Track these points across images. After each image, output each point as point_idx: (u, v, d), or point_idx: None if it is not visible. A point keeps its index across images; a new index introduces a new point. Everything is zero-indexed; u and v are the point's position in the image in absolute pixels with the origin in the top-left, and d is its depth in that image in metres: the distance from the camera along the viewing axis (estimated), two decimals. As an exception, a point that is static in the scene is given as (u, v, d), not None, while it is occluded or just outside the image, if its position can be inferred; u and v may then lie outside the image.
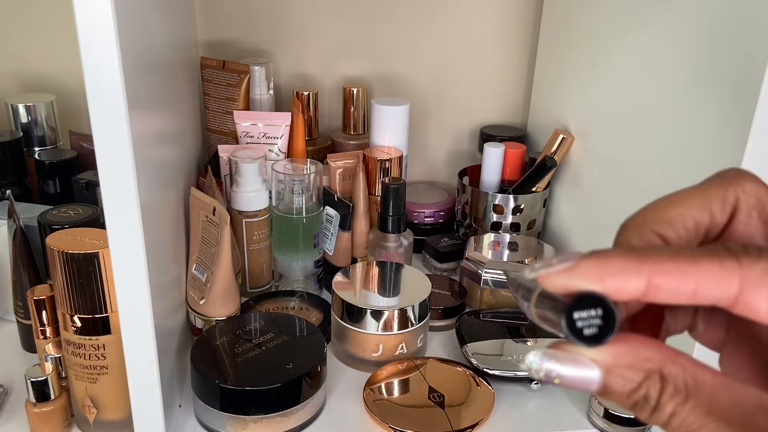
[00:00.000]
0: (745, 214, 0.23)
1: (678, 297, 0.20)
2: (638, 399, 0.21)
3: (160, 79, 0.56)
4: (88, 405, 0.53)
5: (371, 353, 0.64)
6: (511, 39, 0.92)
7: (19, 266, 0.61)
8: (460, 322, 0.69)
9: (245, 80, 0.81)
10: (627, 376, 0.21)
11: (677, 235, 0.23)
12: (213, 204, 0.64)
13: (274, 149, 0.78)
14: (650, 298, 0.20)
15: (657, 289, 0.20)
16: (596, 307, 0.20)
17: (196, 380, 0.56)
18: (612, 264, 0.20)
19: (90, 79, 0.40)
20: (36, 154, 0.79)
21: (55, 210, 0.62)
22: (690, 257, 0.20)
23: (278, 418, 0.55)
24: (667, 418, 0.20)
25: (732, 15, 0.52)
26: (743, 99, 0.50)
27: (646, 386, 0.20)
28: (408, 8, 0.89)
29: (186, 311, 0.67)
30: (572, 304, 0.20)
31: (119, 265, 0.45)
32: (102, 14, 0.38)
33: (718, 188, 0.24)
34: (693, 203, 0.23)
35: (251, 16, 0.88)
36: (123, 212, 0.44)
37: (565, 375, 0.21)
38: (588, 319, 0.20)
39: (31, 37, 0.85)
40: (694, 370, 0.21)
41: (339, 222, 0.75)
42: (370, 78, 0.92)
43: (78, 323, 0.51)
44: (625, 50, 0.69)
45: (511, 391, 0.62)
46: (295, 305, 0.73)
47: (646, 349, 0.21)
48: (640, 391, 0.21)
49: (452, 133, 0.97)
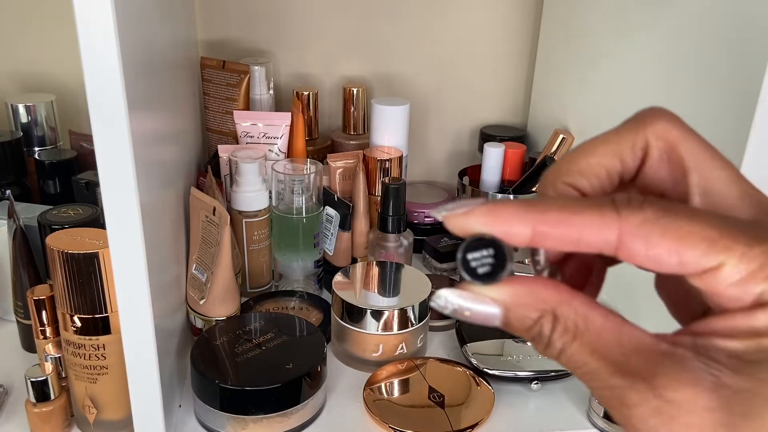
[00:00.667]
0: (655, 157, 0.24)
1: (564, 244, 0.22)
2: (534, 335, 0.22)
3: (160, 79, 0.56)
4: (88, 405, 0.53)
5: (371, 353, 0.64)
6: (511, 39, 0.92)
7: (19, 266, 0.61)
8: (460, 322, 0.69)
9: (245, 80, 0.81)
10: (524, 314, 0.22)
11: (590, 184, 0.24)
12: (213, 204, 0.64)
13: (274, 149, 0.78)
14: (539, 244, 0.22)
15: (543, 235, 0.21)
16: (488, 248, 0.22)
17: (196, 380, 0.56)
18: (501, 211, 0.22)
19: (90, 78, 0.40)
20: (36, 154, 0.79)
21: (55, 210, 0.62)
22: (574, 208, 0.21)
23: (278, 418, 0.55)
24: (557, 354, 0.22)
25: (732, 15, 0.52)
26: (744, 99, 0.50)
27: (540, 324, 0.22)
28: (408, 8, 0.89)
29: (186, 311, 0.67)
30: (467, 244, 0.22)
31: (119, 265, 0.45)
32: (102, 14, 0.38)
33: (628, 132, 0.24)
34: (604, 150, 0.24)
35: (251, 16, 0.88)
36: (123, 212, 0.43)
37: (471, 309, 0.23)
38: (481, 258, 0.22)
39: (31, 37, 0.85)
40: (586, 311, 0.22)
41: (339, 222, 0.75)
42: (370, 78, 0.92)
43: (78, 323, 0.51)
44: (626, 50, 0.69)
45: (511, 391, 0.62)
46: (295, 305, 0.73)
47: (543, 291, 0.22)
48: (535, 328, 0.22)
49: (452, 133, 0.97)
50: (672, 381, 0.20)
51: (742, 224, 0.21)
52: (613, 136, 0.24)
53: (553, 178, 0.25)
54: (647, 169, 0.24)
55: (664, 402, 0.20)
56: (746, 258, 0.20)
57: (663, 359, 0.21)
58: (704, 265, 0.20)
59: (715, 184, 0.23)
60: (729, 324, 0.21)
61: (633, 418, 0.21)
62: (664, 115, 0.24)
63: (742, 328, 0.20)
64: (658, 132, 0.24)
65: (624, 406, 0.21)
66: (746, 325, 0.20)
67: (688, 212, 0.21)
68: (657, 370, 0.21)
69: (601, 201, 0.21)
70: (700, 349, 0.21)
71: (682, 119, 0.24)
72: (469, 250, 0.22)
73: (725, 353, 0.20)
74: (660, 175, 0.24)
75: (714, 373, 0.20)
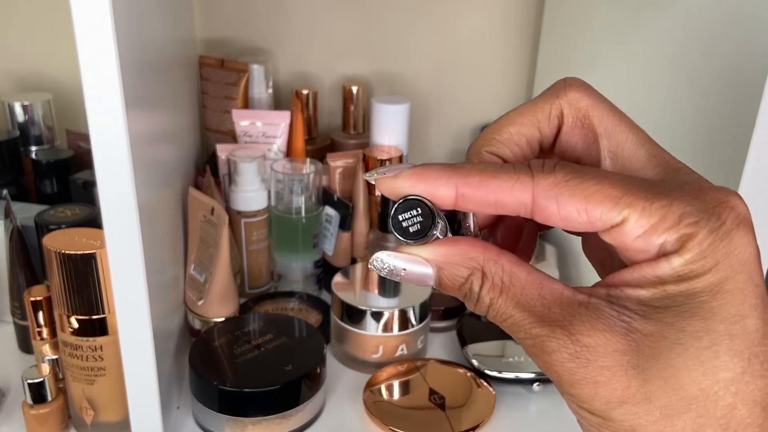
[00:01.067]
0: (570, 125, 0.26)
1: (484, 206, 0.24)
2: (465, 292, 0.24)
3: (158, 78, 0.56)
4: (86, 407, 0.53)
5: (371, 354, 0.64)
6: (512, 38, 0.92)
7: (16, 266, 0.61)
8: (460, 323, 0.69)
9: (244, 79, 0.81)
10: (455, 272, 0.24)
11: (512, 152, 0.26)
12: (211, 204, 0.63)
13: (273, 148, 0.77)
14: (462, 206, 0.24)
15: (464, 198, 0.23)
16: (417, 208, 0.24)
17: (195, 382, 0.55)
18: (427, 174, 0.24)
19: (87, 77, 0.39)
20: (33, 154, 0.78)
21: (52, 210, 0.61)
22: (492, 173, 0.23)
23: (277, 420, 0.55)
24: (485, 309, 0.24)
25: (734, 15, 0.52)
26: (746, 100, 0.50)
27: (470, 281, 0.24)
28: (408, 7, 0.89)
29: (184, 312, 0.66)
30: (397, 206, 0.24)
31: (116, 266, 0.45)
32: (99, 12, 0.38)
33: (545, 102, 0.26)
34: (523, 120, 0.26)
35: (250, 14, 0.87)
36: (120, 212, 0.43)
37: (407, 270, 0.24)
38: (411, 218, 0.24)
39: (28, 35, 0.85)
40: (512, 268, 0.24)
41: (339, 222, 0.75)
42: (370, 77, 0.92)
43: (75, 324, 0.50)
44: (627, 50, 0.68)
45: (512, 393, 0.62)
46: (294, 306, 0.72)
47: (472, 250, 0.24)
48: (465, 285, 0.24)
49: (453, 133, 0.96)
50: (587, 328, 0.22)
51: (646, 183, 0.22)
52: (531, 107, 0.26)
53: (478, 147, 0.27)
54: (563, 136, 0.26)
55: (581, 347, 0.22)
56: (647, 213, 0.22)
57: (579, 309, 0.23)
58: (610, 221, 0.22)
59: (624, 147, 0.25)
60: (637, 274, 0.22)
61: (554, 364, 0.23)
62: (576, 85, 0.26)
63: (648, 278, 0.22)
64: (570, 100, 0.26)
65: (545, 353, 0.23)
66: (651, 274, 0.22)
67: (595, 174, 0.22)
68: (574, 319, 0.22)
69: (517, 166, 0.23)
70: (613, 298, 0.23)
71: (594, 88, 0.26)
72: (399, 211, 0.24)
73: (634, 301, 0.22)
74: (574, 141, 0.26)
75: (625, 320, 0.22)
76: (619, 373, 0.21)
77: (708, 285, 0.21)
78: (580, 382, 0.22)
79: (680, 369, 0.21)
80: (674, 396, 0.21)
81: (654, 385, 0.21)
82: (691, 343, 0.21)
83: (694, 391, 0.21)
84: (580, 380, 0.22)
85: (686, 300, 0.22)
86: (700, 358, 0.21)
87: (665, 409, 0.21)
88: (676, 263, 0.22)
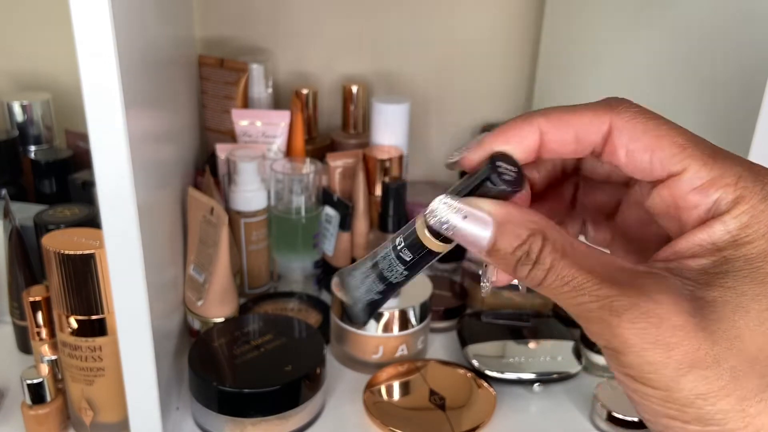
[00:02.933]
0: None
1: (565, 145, 0.25)
2: (521, 255, 0.23)
3: (158, 77, 0.56)
4: (85, 407, 0.53)
5: (371, 355, 0.63)
6: (512, 38, 0.92)
7: (15, 267, 0.61)
8: (461, 323, 0.69)
9: (244, 78, 0.80)
10: (515, 231, 0.24)
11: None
12: (211, 204, 0.63)
13: (272, 148, 0.77)
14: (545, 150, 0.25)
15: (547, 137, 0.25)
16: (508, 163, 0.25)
17: (194, 382, 0.55)
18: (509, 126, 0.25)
19: (86, 77, 0.39)
20: (32, 154, 0.78)
21: (51, 210, 0.61)
22: (571, 108, 0.25)
23: (277, 421, 0.54)
24: (544, 272, 0.23)
25: (736, 14, 0.52)
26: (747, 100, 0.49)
27: (530, 242, 0.23)
28: (409, 5, 0.89)
29: (183, 313, 0.66)
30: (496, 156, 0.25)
31: (116, 266, 0.45)
32: (98, 12, 0.38)
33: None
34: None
35: (250, 14, 0.87)
36: (119, 212, 0.43)
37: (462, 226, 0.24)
38: (506, 169, 0.25)
39: (27, 35, 0.85)
40: (571, 238, 0.24)
41: (339, 222, 0.74)
42: (370, 76, 0.91)
43: (74, 324, 0.50)
44: (628, 50, 0.68)
45: (512, 394, 0.62)
46: (294, 306, 0.72)
47: (534, 215, 0.24)
48: (524, 246, 0.23)
49: (453, 132, 0.96)
50: (656, 291, 0.22)
51: (709, 143, 0.24)
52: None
53: None
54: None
55: (655, 304, 0.22)
56: (708, 166, 0.23)
57: (645, 275, 0.23)
58: (669, 169, 0.23)
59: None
60: (691, 243, 0.23)
61: (623, 326, 0.22)
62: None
63: (704, 245, 0.23)
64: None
65: (613, 314, 0.22)
66: (707, 241, 0.23)
67: (667, 121, 0.24)
68: (641, 282, 0.23)
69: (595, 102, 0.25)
70: (673, 270, 0.23)
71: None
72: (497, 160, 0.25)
73: (695, 271, 0.23)
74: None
75: (689, 288, 0.23)
76: (690, 333, 0.22)
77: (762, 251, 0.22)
78: (651, 346, 0.22)
79: (743, 330, 0.22)
80: (740, 357, 0.22)
81: (721, 347, 0.22)
82: (752, 305, 0.22)
83: (756, 352, 0.22)
84: (652, 343, 0.22)
85: (744, 265, 0.22)
86: (760, 319, 0.22)
87: (733, 371, 0.21)
88: (731, 225, 0.22)
